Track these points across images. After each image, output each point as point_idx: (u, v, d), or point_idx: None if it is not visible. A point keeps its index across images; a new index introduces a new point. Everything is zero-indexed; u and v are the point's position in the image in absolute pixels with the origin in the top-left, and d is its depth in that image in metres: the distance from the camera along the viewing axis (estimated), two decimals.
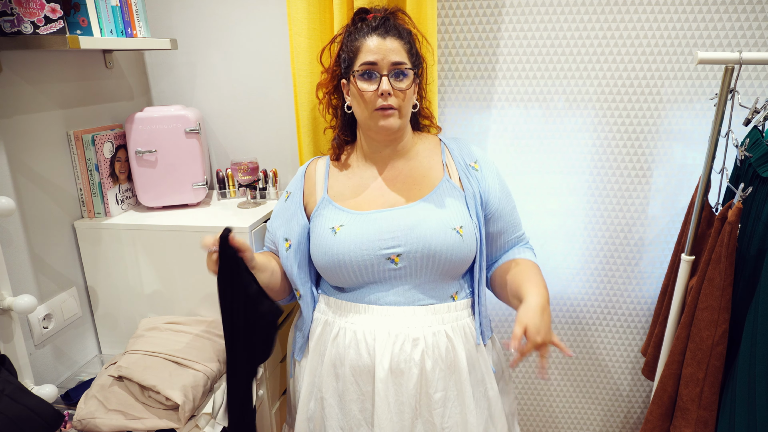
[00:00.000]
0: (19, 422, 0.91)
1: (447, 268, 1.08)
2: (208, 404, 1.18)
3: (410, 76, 1.07)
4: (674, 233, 1.60)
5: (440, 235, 1.06)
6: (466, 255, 1.09)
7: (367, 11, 1.13)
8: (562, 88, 1.53)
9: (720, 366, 1.20)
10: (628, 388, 1.81)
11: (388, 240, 1.07)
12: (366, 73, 1.05)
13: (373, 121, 1.08)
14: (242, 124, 1.65)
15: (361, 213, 1.11)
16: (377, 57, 1.04)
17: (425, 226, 1.07)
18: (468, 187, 1.13)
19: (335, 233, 1.09)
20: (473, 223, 1.11)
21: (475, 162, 1.17)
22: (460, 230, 1.08)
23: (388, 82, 1.04)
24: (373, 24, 1.07)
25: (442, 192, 1.12)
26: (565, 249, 1.67)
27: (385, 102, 1.05)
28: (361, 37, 1.07)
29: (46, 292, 1.30)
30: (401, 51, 1.06)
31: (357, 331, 1.08)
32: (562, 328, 1.77)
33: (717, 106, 1.19)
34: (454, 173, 1.16)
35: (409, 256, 1.06)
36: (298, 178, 1.23)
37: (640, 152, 1.55)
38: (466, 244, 1.08)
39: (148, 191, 1.45)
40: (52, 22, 1.11)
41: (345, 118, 1.19)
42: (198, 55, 1.61)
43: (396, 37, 1.06)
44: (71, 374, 1.38)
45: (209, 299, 1.38)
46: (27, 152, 1.23)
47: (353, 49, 1.08)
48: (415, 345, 1.06)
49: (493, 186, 1.16)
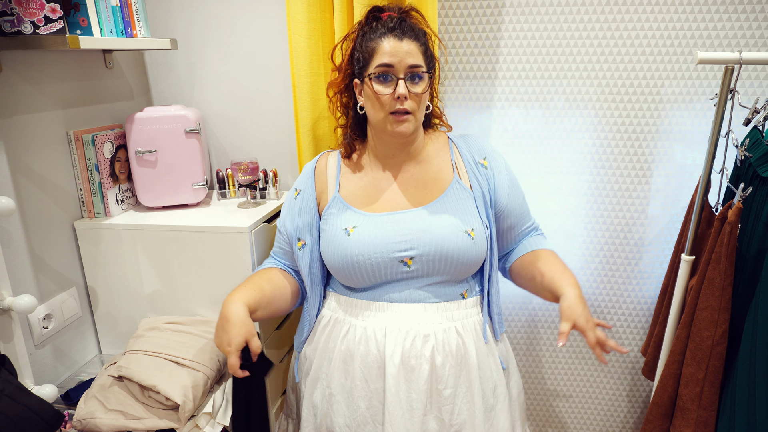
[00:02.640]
0: (19, 422, 0.91)
1: (458, 270, 1.10)
2: (208, 404, 1.18)
3: (425, 79, 1.06)
4: (674, 233, 1.60)
5: (452, 239, 1.07)
6: (478, 257, 1.11)
7: (381, 9, 1.12)
8: (562, 88, 1.53)
9: (720, 366, 1.20)
10: (628, 388, 1.81)
11: (401, 243, 1.08)
12: (382, 75, 1.04)
13: (387, 125, 1.07)
14: (242, 124, 1.65)
15: (374, 215, 1.11)
16: (394, 60, 1.03)
17: (437, 230, 1.08)
18: (477, 187, 1.14)
19: (348, 235, 1.10)
20: (483, 224, 1.12)
21: (485, 158, 1.17)
22: (471, 233, 1.09)
23: (404, 85, 1.03)
24: (390, 24, 1.06)
25: (453, 194, 1.13)
26: (565, 249, 1.67)
27: (400, 106, 1.04)
28: (377, 38, 1.06)
29: (46, 292, 1.30)
30: (417, 53, 1.05)
31: (367, 328, 1.09)
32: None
33: (717, 106, 1.19)
34: (463, 173, 1.16)
35: (422, 258, 1.07)
36: (308, 174, 1.21)
37: (640, 152, 1.55)
38: (478, 247, 1.09)
39: (148, 191, 1.45)
40: (52, 22, 1.11)
41: (356, 118, 1.19)
42: (198, 55, 1.61)
43: (412, 39, 1.05)
44: (71, 374, 1.38)
45: (209, 299, 1.38)
46: (27, 152, 1.23)
47: (368, 49, 1.07)
48: (425, 341, 1.07)
49: (501, 183, 1.16)
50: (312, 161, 1.24)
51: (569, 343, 1.78)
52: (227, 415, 1.19)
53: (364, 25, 1.12)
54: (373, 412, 1.09)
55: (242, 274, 1.32)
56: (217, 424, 1.17)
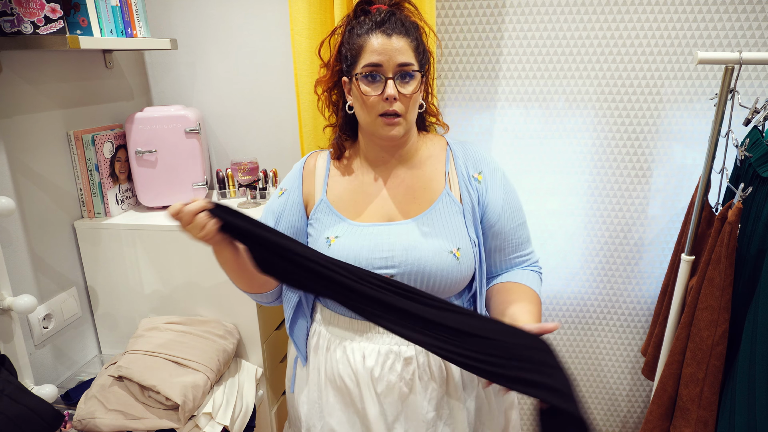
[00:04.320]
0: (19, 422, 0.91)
1: (441, 290, 1.04)
2: (208, 404, 1.18)
3: (417, 77, 1.00)
4: (674, 233, 1.60)
5: (435, 258, 1.01)
6: (462, 277, 1.04)
7: (370, 2, 1.05)
8: (562, 88, 1.53)
9: (720, 366, 1.20)
10: (628, 388, 1.81)
11: (381, 259, 1.02)
12: (370, 75, 0.98)
13: (376, 127, 1.01)
14: (242, 124, 1.65)
15: (358, 225, 1.06)
16: (382, 58, 0.96)
17: (420, 249, 1.02)
18: (467, 201, 1.07)
19: (329, 245, 1.04)
20: (471, 242, 1.05)
21: (480, 172, 1.09)
22: (456, 253, 1.02)
23: (393, 86, 0.97)
24: (377, 19, 0.98)
25: (441, 207, 1.06)
26: (565, 249, 1.67)
27: (390, 107, 0.98)
28: (364, 34, 0.99)
29: (46, 292, 1.30)
30: (408, 50, 0.98)
31: (347, 348, 1.05)
32: (562, 328, 1.77)
33: (717, 106, 1.19)
34: (455, 185, 1.09)
35: (403, 277, 1.01)
36: (296, 174, 1.14)
37: (640, 152, 1.55)
38: (462, 267, 1.03)
39: (148, 191, 1.45)
40: (52, 22, 1.11)
41: (346, 117, 1.11)
42: (198, 55, 1.61)
43: (402, 34, 0.98)
44: (71, 374, 1.38)
45: (209, 299, 1.38)
46: (27, 152, 1.23)
47: (356, 46, 1.00)
48: (407, 364, 1.03)
49: (494, 199, 1.08)
50: (301, 160, 1.17)
51: (569, 343, 1.78)
52: (227, 415, 1.19)
53: (352, 19, 1.05)
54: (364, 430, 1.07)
55: None
56: (217, 424, 1.17)
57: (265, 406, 1.44)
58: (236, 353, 1.39)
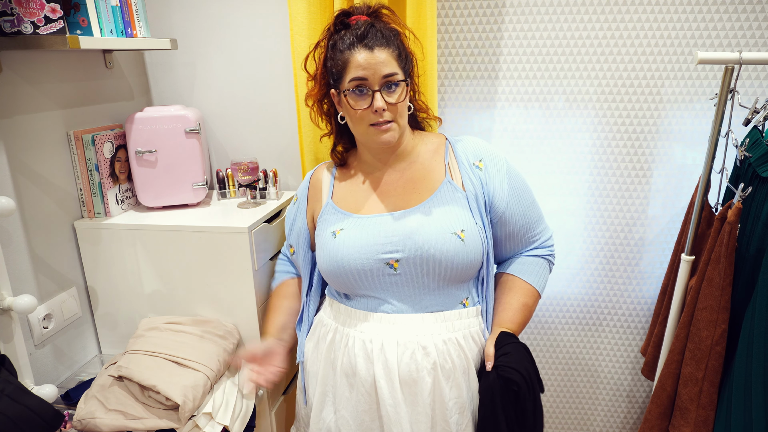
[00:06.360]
0: (19, 422, 0.91)
1: (450, 274, 1.05)
2: (208, 404, 1.18)
3: (402, 85, 1.04)
4: (674, 233, 1.60)
5: (439, 240, 1.03)
6: (470, 260, 1.05)
7: (348, 14, 1.08)
8: (562, 88, 1.53)
9: (719, 366, 1.20)
10: (628, 388, 1.81)
11: (386, 245, 1.05)
12: (356, 89, 1.02)
13: (370, 136, 1.06)
14: (242, 124, 1.65)
15: (362, 217, 1.10)
16: (367, 72, 1.00)
17: (424, 232, 1.04)
18: (470, 188, 1.09)
19: (335, 237, 1.09)
20: (478, 227, 1.07)
21: (480, 161, 1.12)
22: (461, 234, 1.04)
23: (381, 98, 1.01)
24: (358, 33, 1.02)
25: (443, 194, 1.09)
26: (565, 249, 1.67)
27: (380, 118, 1.02)
28: (347, 49, 1.02)
29: (46, 292, 1.30)
30: (391, 60, 1.02)
31: (366, 341, 1.07)
32: (562, 328, 1.77)
33: (717, 106, 1.19)
34: (456, 173, 1.12)
35: (408, 261, 1.04)
36: (305, 185, 1.25)
37: (640, 152, 1.55)
38: (469, 249, 1.04)
39: (148, 191, 1.45)
40: (52, 22, 1.11)
41: (340, 126, 1.17)
42: (198, 55, 1.61)
43: (384, 46, 1.01)
44: (71, 374, 1.38)
45: (209, 299, 1.38)
46: (27, 152, 1.24)
47: (340, 63, 1.04)
48: (426, 354, 1.04)
49: (499, 186, 1.11)
50: (310, 172, 1.27)
51: (569, 342, 1.78)
52: (227, 415, 1.19)
53: (333, 33, 1.08)
54: (376, 425, 1.08)
55: (242, 273, 1.32)
56: (217, 424, 1.17)
57: (265, 406, 1.44)
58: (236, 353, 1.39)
